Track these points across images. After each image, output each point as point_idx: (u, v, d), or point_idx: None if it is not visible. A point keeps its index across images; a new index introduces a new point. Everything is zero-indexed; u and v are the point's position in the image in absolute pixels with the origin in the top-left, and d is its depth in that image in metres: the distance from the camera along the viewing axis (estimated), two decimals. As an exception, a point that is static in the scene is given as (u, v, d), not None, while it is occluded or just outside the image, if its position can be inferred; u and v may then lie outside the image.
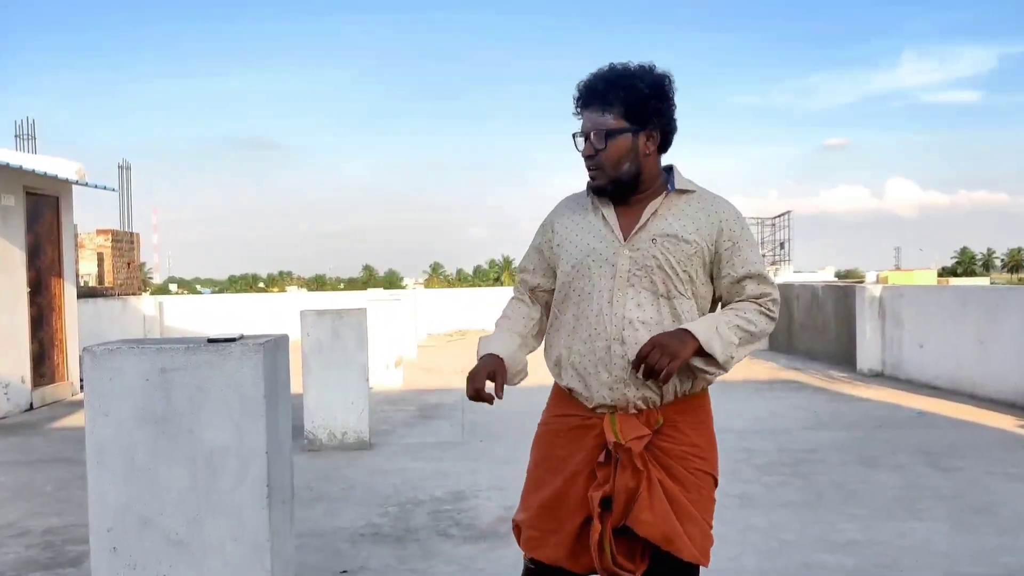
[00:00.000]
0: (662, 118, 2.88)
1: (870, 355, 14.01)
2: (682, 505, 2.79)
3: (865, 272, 49.87)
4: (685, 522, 2.78)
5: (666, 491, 2.78)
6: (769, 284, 2.95)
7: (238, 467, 3.24)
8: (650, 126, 2.85)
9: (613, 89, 2.82)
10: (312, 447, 8.53)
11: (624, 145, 2.83)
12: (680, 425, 2.87)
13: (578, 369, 2.89)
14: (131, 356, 3.22)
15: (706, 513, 2.88)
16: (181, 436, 3.23)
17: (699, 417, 2.94)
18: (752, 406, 10.94)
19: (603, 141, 2.83)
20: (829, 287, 17.10)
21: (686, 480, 2.83)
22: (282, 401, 3.56)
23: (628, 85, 2.81)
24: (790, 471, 7.33)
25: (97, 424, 3.22)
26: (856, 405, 10.97)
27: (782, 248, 33.60)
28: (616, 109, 2.82)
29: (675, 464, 2.83)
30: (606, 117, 2.82)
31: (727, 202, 2.97)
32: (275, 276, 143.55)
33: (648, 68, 2.87)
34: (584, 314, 2.88)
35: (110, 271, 23.04)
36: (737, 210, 2.96)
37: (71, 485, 7.31)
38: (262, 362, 3.25)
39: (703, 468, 2.88)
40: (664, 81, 2.88)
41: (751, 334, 2.88)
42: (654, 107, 2.85)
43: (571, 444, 2.92)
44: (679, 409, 2.88)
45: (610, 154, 2.84)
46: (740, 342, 2.84)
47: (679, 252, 2.84)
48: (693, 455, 2.86)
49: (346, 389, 8.59)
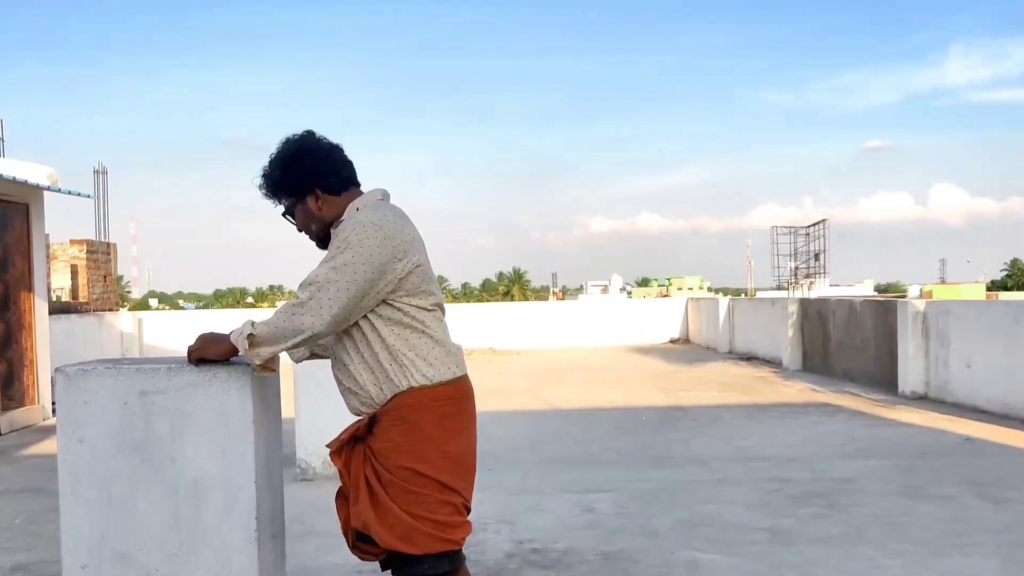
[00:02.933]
0: (302, 184, 3.58)
1: (913, 376, 13.96)
2: (380, 499, 3.40)
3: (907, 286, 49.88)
4: (383, 514, 3.39)
5: (370, 486, 3.43)
6: (302, 287, 3.41)
7: (224, 498, 3.24)
8: (301, 193, 3.58)
9: (263, 189, 3.63)
10: (305, 476, 8.53)
11: (307, 214, 3.60)
12: (383, 423, 3.46)
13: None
14: (107, 377, 3.22)
15: (411, 505, 3.39)
16: (162, 465, 3.22)
17: (399, 414, 3.45)
18: (784, 432, 10.91)
19: (296, 220, 3.64)
20: (868, 302, 17.07)
21: (380, 474, 3.42)
22: (272, 426, 3.56)
23: (268, 182, 3.61)
24: (826, 503, 7.30)
25: (70, 451, 3.21)
26: (898, 430, 10.93)
27: (817, 260, 33.53)
28: (280, 195, 3.63)
29: (378, 461, 3.44)
30: (282, 203, 3.66)
31: (350, 224, 3.43)
32: (265, 290, 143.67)
33: (275, 156, 3.60)
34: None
35: (85, 285, 23.09)
36: (349, 229, 3.40)
37: (42, 518, 7.31)
38: (250, 384, 3.24)
39: (397, 461, 3.41)
40: (288, 158, 3.58)
41: (276, 328, 3.35)
42: (288, 182, 3.59)
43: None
44: (384, 410, 3.47)
45: (306, 224, 3.64)
46: (259, 343, 3.34)
47: None
48: (389, 450, 3.42)
49: (342, 413, 8.55)
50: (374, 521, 3.38)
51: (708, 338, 26.18)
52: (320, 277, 3.32)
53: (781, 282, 34.20)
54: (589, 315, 28.26)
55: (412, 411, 3.44)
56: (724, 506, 7.23)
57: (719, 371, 19.11)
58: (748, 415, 12.37)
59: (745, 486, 7.93)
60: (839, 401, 13.72)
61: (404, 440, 3.41)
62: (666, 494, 7.68)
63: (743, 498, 7.48)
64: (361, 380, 3.49)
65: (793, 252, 33.28)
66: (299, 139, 3.61)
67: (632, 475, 8.49)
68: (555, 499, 7.48)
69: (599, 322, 27.80)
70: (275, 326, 3.30)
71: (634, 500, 7.48)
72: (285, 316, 3.30)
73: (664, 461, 9.18)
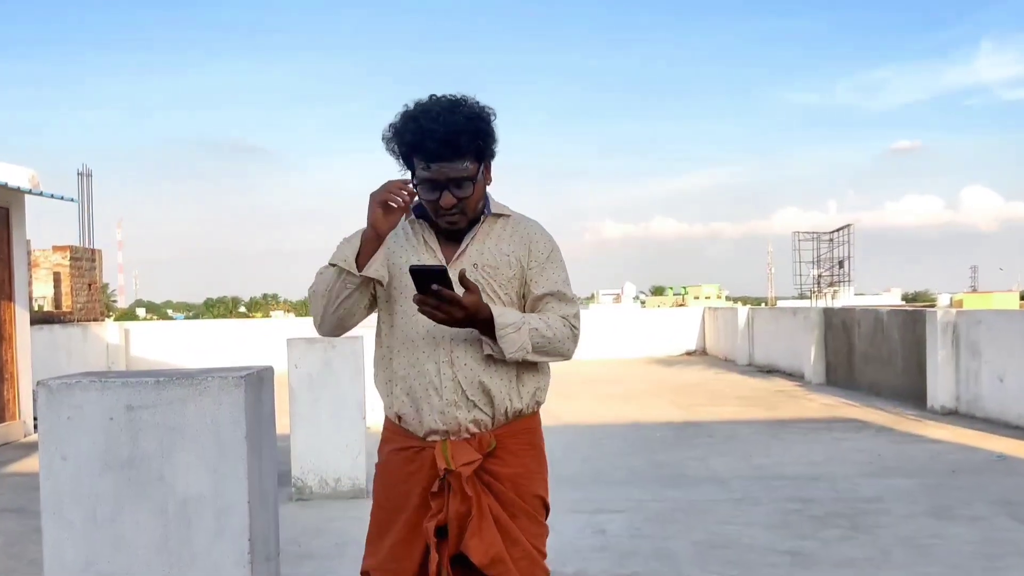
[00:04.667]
0: (493, 150, 3.31)
1: (942, 390, 13.94)
2: (510, 531, 3.19)
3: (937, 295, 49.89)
4: (512, 547, 3.17)
5: (495, 516, 3.18)
6: (570, 302, 3.35)
7: (215, 519, 3.24)
8: (487, 159, 3.29)
9: (463, 135, 3.16)
10: (301, 496, 8.54)
11: (481, 186, 3.28)
12: (510, 447, 3.27)
13: (408, 394, 3.28)
14: (92, 391, 3.23)
15: (535, 540, 3.26)
16: (150, 483, 3.23)
17: (529, 439, 3.34)
18: (807, 449, 10.91)
19: (469, 189, 3.22)
20: (895, 312, 17.05)
21: (514, 504, 3.23)
22: (266, 443, 3.57)
23: (474, 129, 3.19)
24: (850, 524, 7.30)
25: (53, 470, 3.22)
26: (926, 447, 10.92)
27: (841, 267, 33.49)
28: (469, 154, 3.19)
29: (504, 488, 3.23)
30: (464, 165, 3.19)
31: (538, 224, 3.45)
32: (258, 299, 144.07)
33: (477, 103, 3.26)
34: (411, 338, 3.28)
35: (68, 293, 23.15)
36: (547, 232, 3.44)
37: (23, 539, 7.33)
38: (243, 398, 3.25)
39: (532, 491, 3.29)
40: (493, 115, 3.29)
41: (548, 342, 3.24)
42: (492, 143, 3.27)
43: (409, 479, 3.30)
44: (511, 431, 3.28)
45: (474, 198, 3.26)
46: (534, 348, 3.20)
47: (499, 277, 3.29)
48: (522, 477, 3.27)
49: (340, 429, 8.59)
50: (509, 557, 3.18)
51: (726, 350, 26.19)
52: (568, 288, 3.36)
53: (803, 291, 34.19)
54: (600, 325, 28.05)
55: (538, 436, 3.41)
56: (743, 527, 7.23)
57: (738, 385, 19.10)
58: (768, 431, 12.36)
59: (765, 506, 7.92)
60: (864, 416, 13.72)
61: (537, 467, 3.35)
62: (681, 515, 7.68)
63: (763, 519, 7.48)
64: (498, 394, 3.26)
65: (816, 259, 33.28)
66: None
67: (646, 494, 8.49)
68: (564, 520, 7.47)
69: (611, 333, 27.69)
70: (550, 342, 3.24)
71: (648, 521, 7.48)
72: (564, 337, 3.26)
73: (679, 480, 9.18)
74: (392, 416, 3.38)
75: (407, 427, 3.32)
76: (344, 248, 3.22)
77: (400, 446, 3.34)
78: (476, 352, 3.21)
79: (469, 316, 3.06)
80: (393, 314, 3.34)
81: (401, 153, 3.26)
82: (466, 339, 3.21)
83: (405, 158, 3.26)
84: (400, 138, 3.22)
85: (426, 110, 3.18)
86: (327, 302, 3.24)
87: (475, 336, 3.19)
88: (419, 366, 3.25)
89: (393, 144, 3.27)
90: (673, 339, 28.33)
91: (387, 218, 3.13)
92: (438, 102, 3.21)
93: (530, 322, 3.20)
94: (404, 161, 3.27)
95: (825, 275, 33.10)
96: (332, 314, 3.27)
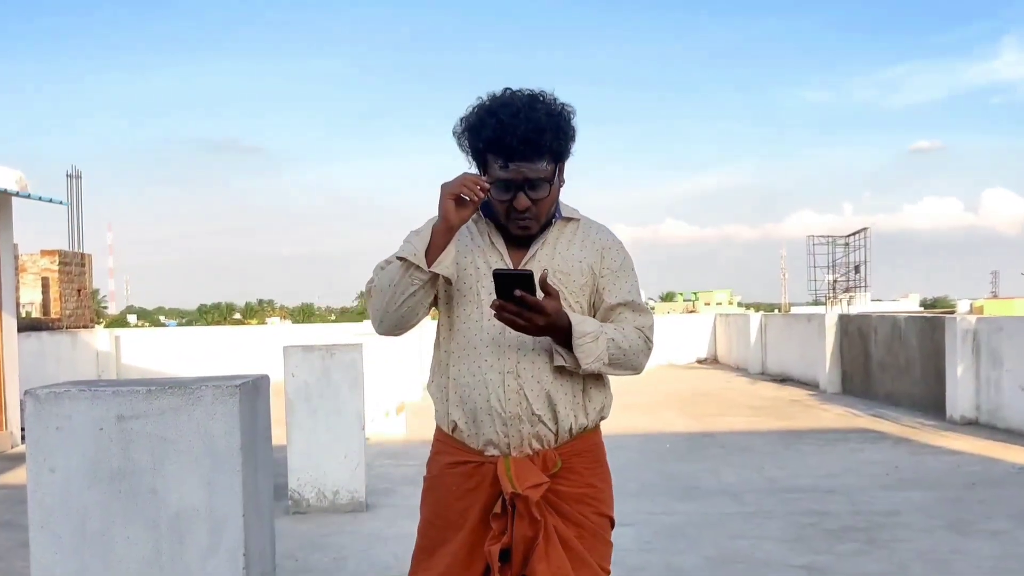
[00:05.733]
0: (571, 150, 3.23)
1: (962, 399, 13.91)
2: (578, 552, 3.11)
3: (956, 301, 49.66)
4: (580, 569, 3.10)
5: (562, 538, 3.10)
6: (645, 313, 3.30)
7: (209, 534, 3.24)
8: (564, 160, 3.20)
9: (546, 133, 3.07)
10: (297, 509, 8.53)
11: (556, 190, 3.20)
12: (576, 466, 3.20)
13: (466, 403, 3.17)
14: (82, 401, 3.23)
15: (602, 559, 3.21)
16: (141, 496, 3.23)
17: (595, 456, 3.28)
18: (822, 460, 10.90)
19: (545, 191, 3.13)
20: (913, 319, 17.04)
21: (583, 524, 3.16)
22: (262, 455, 3.57)
23: (556, 127, 3.10)
24: (867, 538, 7.29)
25: (41, 482, 3.22)
26: (945, 459, 10.90)
27: (857, 272, 33.51)
28: (548, 154, 3.10)
29: (571, 508, 3.15)
30: (542, 165, 3.09)
31: (608, 230, 3.39)
32: (254, 306, 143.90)
33: (556, 100, 3.16)
34: (474, 344, 3.17)
35: (57, 299, 23.18)
36: (618, 238, 3.38)
37: (10, 554, 7.32)
38: (238, 408, 3.25)
39: (600, 511, 3.23)
40: (573, 113, 3.20)
41: (624, 354, 3.17)
42: (570, 143, 3.19)
43: (467, 496, 3.19)
44: (575, 449, 3.21)
45: (548, 201, 3.17)
46: (610, 361, 3.14)
47: (571, 284, 3.21)
48: (590, 498, 3.20)
49: (338, 440, 8.59)
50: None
51: (738, 358, 26.18)
52: (641, 298, 3.32)
53: (818, 296, 34.24)
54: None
55: (602, 451, 3.35)
56: (756, 541, 7.22)
57: (750, 394, 19.09)
58: (782, 442, 12.34)
59: (779, 520, 7.91)
60: (881, 427, 13.70)
61: (604, 485, 3.29)
62: (693, 528, 7.67)
63: (777, 533, 7.47)
64: (563, 409, 3.17)
65: (831, 264, 33.32)
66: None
67: (655, 507, 8.48)
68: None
69: (618, 340, 27.46)
70: (625, 354, 3.18)
71: (658, 535, 7.47)
72: (639, 350, 3.21)
73: (690, 492, 9.17)
74: (445, 426, 3.27)
75: (462, 438, 3.21)
76: (413, 241, 3.09)
77: (456, 460, 3.23)
78: (543, 363, 3.12)
79: (550, 323, 2.99)
80: (455, 317, 3.23)
81: (475, 149, 3.17)
82: (533, 348, 3.12)
83: (478, 155, 3.17)
84: (477, 133, 3.13)
85: (506, 104, 3.09)
86: (390, 298, 3.10)
87: (543, 346, 3.12)
88: (481, 375, 3.14)
89: (465, 139, 3.18)
90: (683, 347, 28.33)
91: (459, 212, 3.02)
92: (517, 96, 3.12)
93: (607, 332, 3.13)
94: (476, 158, 3.18)
95: (841, 280, 33.13)
96: (395, 312, 3.12)
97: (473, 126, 3.13)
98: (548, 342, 3.10)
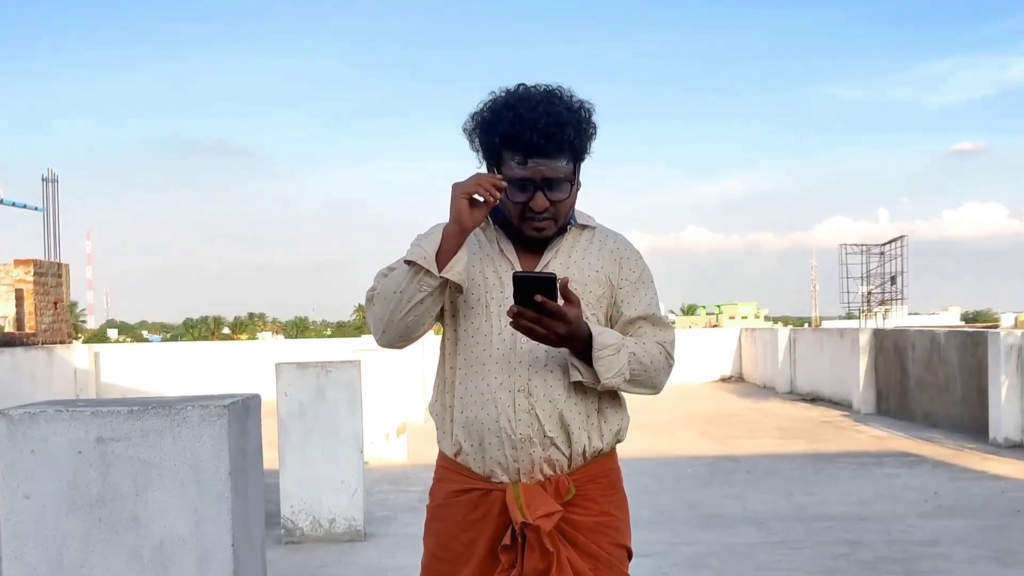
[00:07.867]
0: (590, 150, 3.22)
1: (1007, 420, 13.88)
2: None
3: (1000, 314, 49.66)
4: None
5: (576, 571, 3.04)
6: (667, 327, 3.31)
7: (196, 565, 3.24)
8: (581, 160, 3.20)
9: (567, 128, 3.07)
10: (291, 538, 8.52)
11: (576, 189, 3.19)
12: (590, 493, 3.16)
13: (472, 424, 3.12)
14: (59, 422, 3.23)
15: None
16: (123, 525, 3.23)
17: (611, 481, 3.26)
18: (855, 486, 10.88)
19: (565, 191, 3.12)
20: (953, 333, 17.02)
21: (598, 556, 3.12)
22: (252, 480, 3.57)
23: (577, 122, 3.11)
24: (904, 570, 7.28)
25: (15, 509, 3.22)
26: (988, 485, 10.89)
27: (893, 283, 33.42)
28: (568, 152, 3.10)
29: (586, 539, 3.11)
30: (561, 163, 3.09)
31: (625, 239, 3.39)
32: (244, 320, 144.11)
33: (574, 96, 3.16)
34: (482, 360, 3.13)
35: (32, 313, 23.22)
36: (636, 248, 3.39)
37: (-17, 587, 7.33)
38: (227, 430, 3.25)
39: (616, 541, 3.19)
40: (593, 110, 3.19)
41: (644, 370, 3.17)
42: (590, 141, 3.19)
43: (473, 527, 3.14)
44: (589, 475, 3.17)
45: (567, 203, 3.15)
46: (631, 376, 3.12)
47: (588, 295, 3.16)
48: (605, 527, 3.17)
49: (335, 464, 8.59)
50: None
51: (765, 375, 26.17)
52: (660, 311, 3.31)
53: (851, 310, 34.08)
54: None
55: (619, 476, 3.32)
56: (784, 574, 7.22)
57: (778, 414, 19.08)
58: (812, 466, 12.33)
59: (808, 550, 7.90)
60: (919, 450, 13.68)
61: (620, 513, 3.25)
62: (716, 559, 7.67)
63: (806, 564, 7.46)
64: (576, 431, 3.13)
65: (865, 274, 33.18)
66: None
67: (676, 537, 8.48)
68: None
69: (636, 357, 27.48)
70: (646, 370, 3.17)
71: (678, 566, 7.47)
72: (660, 367, 3.22)
73: (714, 520, 9.16)
74: (449, 449, 3.21)
75: (466, 462, 3.15)
76: (423, 244, 3.03)
77: (462, 487, 3.17)
78: (556, 381, 3.07)
79: (571, 332, 2.93)
80: (461, 331, 3.18)
81: (488, 146, 3.14)
82: (546, 365, 3.08)
83: (492, 153, 3.14)
84: (491, 128, 3.09)
85: (524, 98, 3.07)
86: (395, 306, 3.03)
87: (556, 363, 3.07)
88: (489, 394, 3.08)
89: (477, 136, 3.16)
90: (706, 363, 28.30)
91: (473, 213, 2.97)
92: (534, 91, 3.11)
93: (628, 345, 3.10)
94: (490, 156, 3.15)
95: (875, 292, 33.02)
96: (399, 320, 3.05)
97: (487, 121, 3.10)
98: (562, 358, 3.06)
